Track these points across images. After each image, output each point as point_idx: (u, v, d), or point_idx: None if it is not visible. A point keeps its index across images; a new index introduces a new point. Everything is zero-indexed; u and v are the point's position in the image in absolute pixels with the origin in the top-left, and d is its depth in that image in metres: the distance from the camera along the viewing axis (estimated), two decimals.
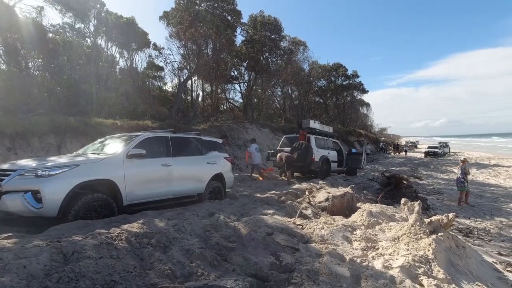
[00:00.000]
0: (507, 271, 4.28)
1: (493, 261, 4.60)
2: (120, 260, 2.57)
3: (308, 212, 5.34)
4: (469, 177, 9.35)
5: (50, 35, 15.14)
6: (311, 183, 8.77)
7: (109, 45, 17.63)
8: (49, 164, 4.14)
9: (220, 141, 7.42)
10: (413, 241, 3.76)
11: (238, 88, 26.40)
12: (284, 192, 7.16)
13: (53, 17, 39.16)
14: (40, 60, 13.72)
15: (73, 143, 9.45)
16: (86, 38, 17.17)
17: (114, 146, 5.19)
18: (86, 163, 4.38)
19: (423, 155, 34.69)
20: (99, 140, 5.92)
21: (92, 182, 4.29)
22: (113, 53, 18.07)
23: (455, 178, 9.99)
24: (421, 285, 2.90)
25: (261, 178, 10.65)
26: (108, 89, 14.81)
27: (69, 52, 13.95)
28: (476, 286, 3.29)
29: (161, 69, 22.61)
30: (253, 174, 11.31)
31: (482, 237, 6.23)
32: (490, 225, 7.24)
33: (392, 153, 38.54)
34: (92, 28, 16.34)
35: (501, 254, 5.14)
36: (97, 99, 13.72)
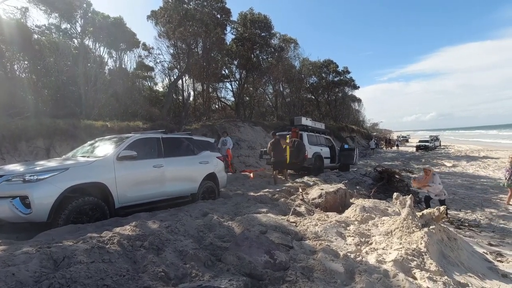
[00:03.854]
0: (498, 261, 4.36)
1: (483, 252, 4.69)
2: (113, 264, 2.53)
3: (302, 209, 5.35)
4: (459, 169, 9.42)
5: (36, 36, 14.81)
6: (304, 180, 8.79)
7: (97, 45, 17.36)
8: (37, 168, 4.05)
9: (212, 140, 7.38)
10: (406, 234, 3.80)
11: (229, 86, 26.33)
12: (278, 190, 7.16)
13: (38, 18, 38.44)
14: (26, 62, 13.43)
15: (62, 146, 9.28)
16: (73, 39, 16.86)
17: (104, 148, 5.11)
18: (75, 167, 4.30)
19: (414, 149, 35.17)
20: (89, 142, 5.82)
21: (83, 186, 4.22)
22: (101, 53, 17.82)
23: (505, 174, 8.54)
24: (414, 278, 2.94)
25: (251, 176, 10.62)
26: (97, 90, 14.58)
27: (56, 53, 13.68)
28: (467, 277, 3.35)
29: (151, 69, 22.39)
30: (246, 173, 11.30)
31: (472, 229, 6.34)
32: (481, 216, 7.38)
33: (384, 148, 38.98)
34: (79, 29, 16.04)
35: (491, 245, 5.24)
36: (86, 101, 13.51)
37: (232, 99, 26.50)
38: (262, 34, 22.38)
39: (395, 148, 38.95)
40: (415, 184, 7.53)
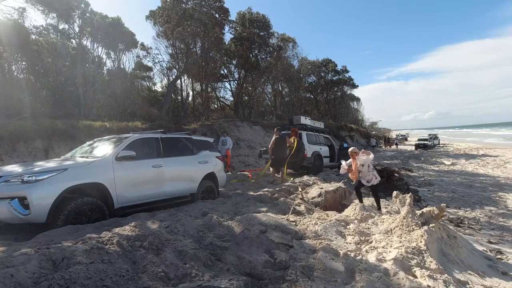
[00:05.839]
0: (497, 258, 4.37)
1: (483, 250, 4.69)
2: (112, 265, 2.52)
3: (302, 208, 5.35)
4: (458, 167, 9.39)
5: (33, 37, 14.76)
6: (304, 179, 8.78)
7: (95, 45, 17.30)
8: (36, 169, 4.03)
9: (211, 140, 7.36)
10: (406, 233, 3.80)
11: (228, 86, 26.33)
12: (277, 189, 7.16)
13: (36, 18, 38.28)
14: (24, 63, 13.39)
15: (61, 147, 9.25)
16: (71, 39, 16.83)
17: (103, 148, 5.09)
18: (74, 167, 4.28)
19: (413, 147, 35.21)
20: (87, 143, 5.80)
21: (81, 186, 4.20)
22: (99, 54, 17.74)
23: None
24: (414, 276, 2.93)
25: (250, 176, 10.61)
26: (95, 90, 14.56)
27: (54, 54, 13.64)
28: (467, 275, 3.35)
29: (150, 69, 22.35)
30: (246, 172, 11.28)
31: (472, 226, 6.35)
32: (480, 214, 7.38)
33: (383, 147, 39.04)
34: (77, 29, 16.00)
35: (491, 242, 5.24)
36: (84, 101, 13.48)
37: (231, 98, 26.52)
38: (261, 33, 22.36)
39: (394, 147, 39.01)
40: (351, 176, 5.98)
